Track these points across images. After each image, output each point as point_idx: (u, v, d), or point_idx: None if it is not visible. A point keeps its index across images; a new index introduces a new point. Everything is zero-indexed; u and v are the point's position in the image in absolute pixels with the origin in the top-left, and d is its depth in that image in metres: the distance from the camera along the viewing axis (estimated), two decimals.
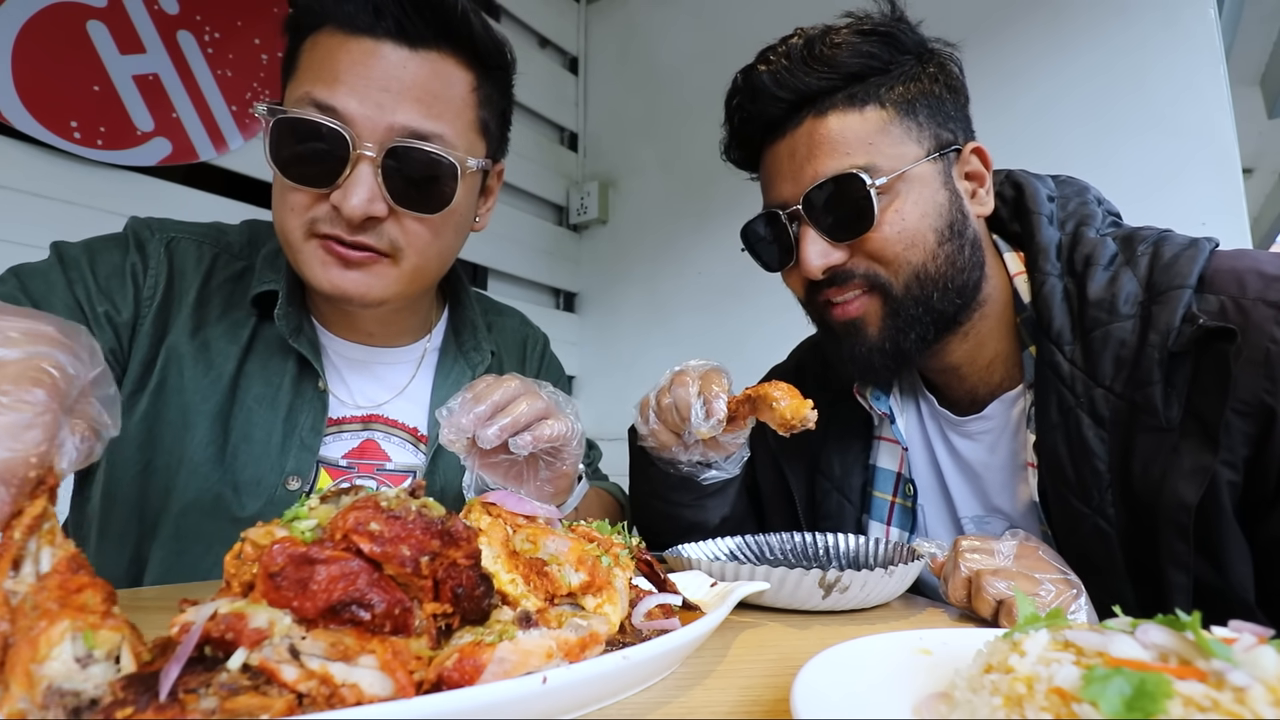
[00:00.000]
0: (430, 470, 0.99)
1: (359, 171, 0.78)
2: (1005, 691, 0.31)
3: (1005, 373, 0.91)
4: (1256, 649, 0.29)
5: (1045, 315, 0.82)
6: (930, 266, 0.84)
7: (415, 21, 0.80)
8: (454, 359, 1.05)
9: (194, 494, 0.86)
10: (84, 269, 0.84)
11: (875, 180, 0.81)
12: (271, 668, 0.30)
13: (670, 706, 0.42)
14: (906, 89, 0.85)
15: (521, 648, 0.35)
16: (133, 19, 1.60)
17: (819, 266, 0.85)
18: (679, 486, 0.94)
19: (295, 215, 0.81)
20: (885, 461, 1.02)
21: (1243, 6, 2.22)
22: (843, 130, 0.83)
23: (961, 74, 0.91)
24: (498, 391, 0.71)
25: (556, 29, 2.86)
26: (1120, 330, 0.76)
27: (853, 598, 0.65)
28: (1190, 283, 0.74)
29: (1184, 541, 0.70)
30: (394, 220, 0.83)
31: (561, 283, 2.84)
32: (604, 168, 2.88)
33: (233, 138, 1.77)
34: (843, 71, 0.83)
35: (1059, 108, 1.80)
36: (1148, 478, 0.73)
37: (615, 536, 0.56)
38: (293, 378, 0.92)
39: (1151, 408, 0.73)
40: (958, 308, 0.87)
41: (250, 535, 0.35)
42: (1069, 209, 0.89)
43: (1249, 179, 3.20)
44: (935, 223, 0.84)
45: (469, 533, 0.38)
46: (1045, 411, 0.81)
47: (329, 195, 0.80)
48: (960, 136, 0.89)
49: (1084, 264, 0.82)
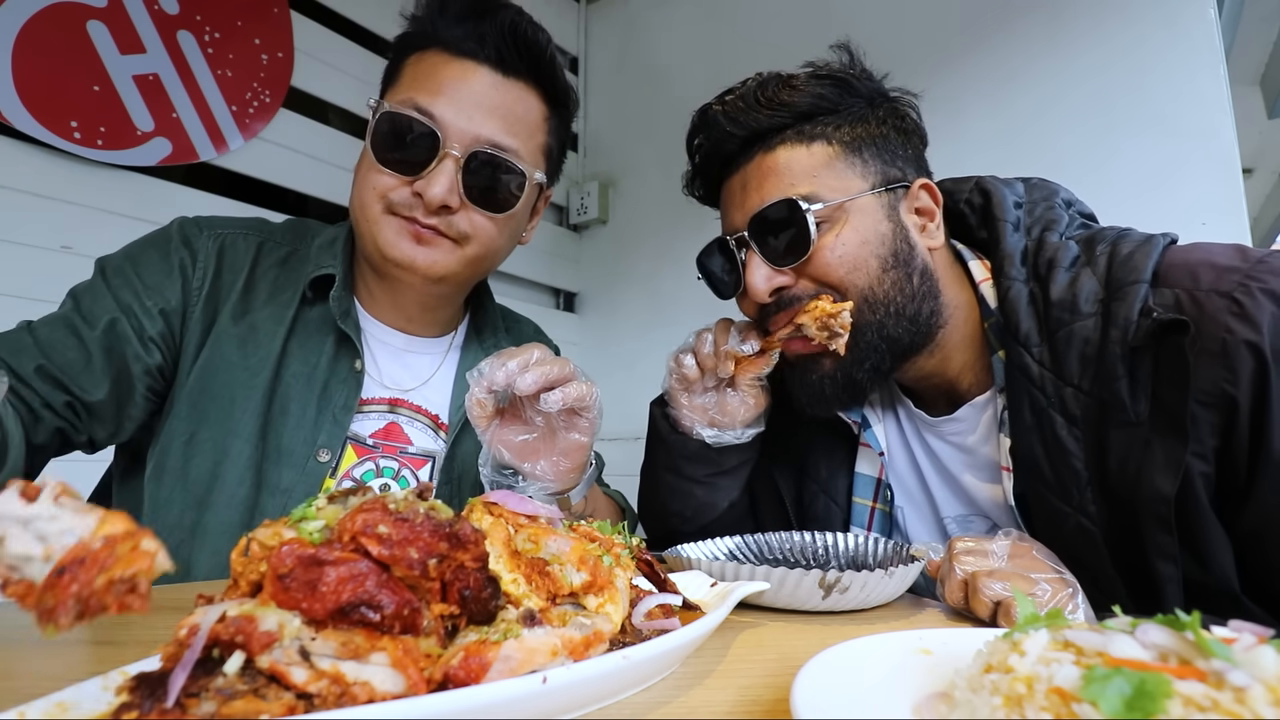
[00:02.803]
0: (449, 456, 1.06)
1: (443, 166, 0.91)
2: (1005, 691, 0.31)
3: (975, 378, 0.93)
4: (1256, 649, 0.29)
5: (1013, 319, 0.84)
6: (877, 290, 0.86)
7: (512, 53, 0.95)
8: (476, 353, 1.13)
9: (239, 466, 0.93)
10: (128, 274, 0.93)
11: (813, 206, 0.85)
12: (281, 670, 0.30)
13: (670, 706, 0.42)
14: (854, 129, 0.89)
15: (526, 646, 0.36)
16: (133, 19, 1.60)
17: (764, 289, 0.89)
18: (695, 458, 0.98)
19: (376, 193, 0.93)
20: (865, 468, 1.03)
21: (1243, 6, 2.22)
22: (789, 162, 0.88)
23: (919, 119, 0.95)
24: (528, 352, 0.81)
25: (556, 29, 2.86)
26: (1083, 328, 0.78)
27: (853, 598, 0.65)
28: (1145, 277, 0.76)
29: (1167, 533, 0.72)
30: (464, 213, 0.95)
31: (561, 283, 2.84)
32: (604, 168, 2.88)
33: (233, 138, 1.77)
34: (793, 110, 0.88)
35: (1059, 108, 1.79)
36: (1124, 473, 0.74)
37: (616, 537, 0.56)
38: (330, 356, 1.00)
39: (1119, 403, 0.74)
40: (913, 336, 0.89)
41: (257, 535, 0.35)
42: (1035, 214, 0.90)
43: (1249, 179, 3.20)
44: (878, 250, 0.87)
45: (476, 535, 0.38)
46: (1019, 414, 0.82)
47: (413, 183, 0.92)
48: (909, 174, 0.91)
49: (1047, 267, 0.84)
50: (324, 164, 1.97)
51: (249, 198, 1.85)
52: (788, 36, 2.17)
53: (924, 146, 0.96)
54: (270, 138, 1.87)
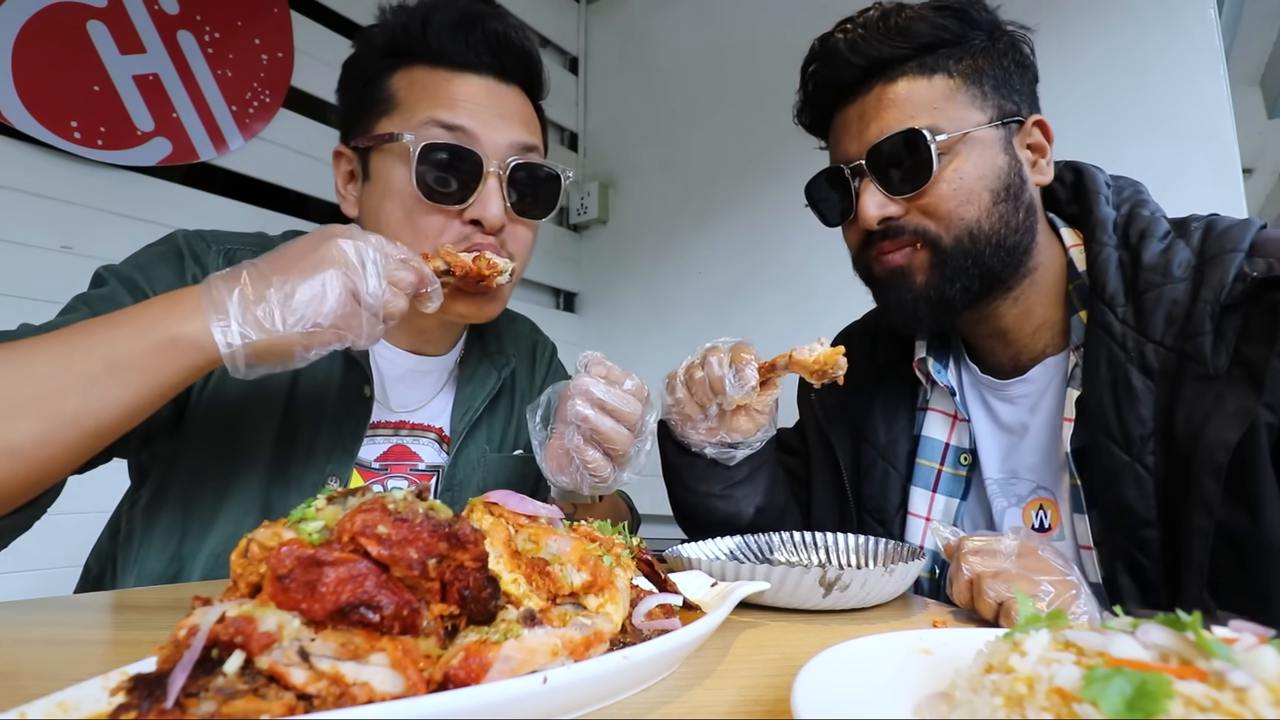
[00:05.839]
0: (451, 465, 1.05)
1: (489, 185, 0.89)
2: (1006, 691, 0.31)
3: (1050, 339, 0.95)
4: (1257, 649, 0.29)
5: (1100, 280, 0.86)
6: (985, 223, 0.88)
7: (509, 61, 0.94)
8: (477, 363, 1.12)
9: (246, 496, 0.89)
10: (143, 287, 0.86)
11: (936, 138, 0.85)
12: (281, 671, 0.30)
13: (670, 706, 0.42)
14: (975, 62, 0.89)
15: (527, 645, 0.36)
16: (133, 19, 1.60)
17: (875, 216, 0.89)
18: (706, 476, 0.97)
19: (429, 241, 0.89)
20: (933, 431, 1.05)
21: (1243, 6, 2.22)
22: (910, 94, 0.88)
23: (1033, 54, 0.96)
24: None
25: (556, 29, 2.86)
26: (1173, 291, 0.80)
27: (853, 596, 0.65)
28: (1243, 247, 0.79)
29: (1215, 479, 0.73)
30: (510, 228, 0.93)
31: (561, 283, 2.84)
32: (604, 168, 2.88)
33: (233, 138, 1.77)
34: (915, 41, 0.88)
35: (1059, 108, 1.77)
36: (1190, 422, 0.76)
37: (616, 537, 0.56)
38: (339, 382, 0.96)
39: (1200, 356, 0.76)
40: (1005, 266, 0.90)
41: (257, 536, 0.35)
42: (1124, 194, 0.94)
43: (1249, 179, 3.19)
44: (992, 184, 0.88)
45: (476, 535, 0.38)
46: (1094, 367, 0.84)
47: (462, 213, 0.89)
48: (1024, 109, 0.93)
49: (1139, 237, 0.86)
50: (324, 164, 1.94)
51: (249, 198, 1.85)
52: (788, 37, 2.17)
53: (1036, 82, 0.97)
54: (270, 138, 1.86)
